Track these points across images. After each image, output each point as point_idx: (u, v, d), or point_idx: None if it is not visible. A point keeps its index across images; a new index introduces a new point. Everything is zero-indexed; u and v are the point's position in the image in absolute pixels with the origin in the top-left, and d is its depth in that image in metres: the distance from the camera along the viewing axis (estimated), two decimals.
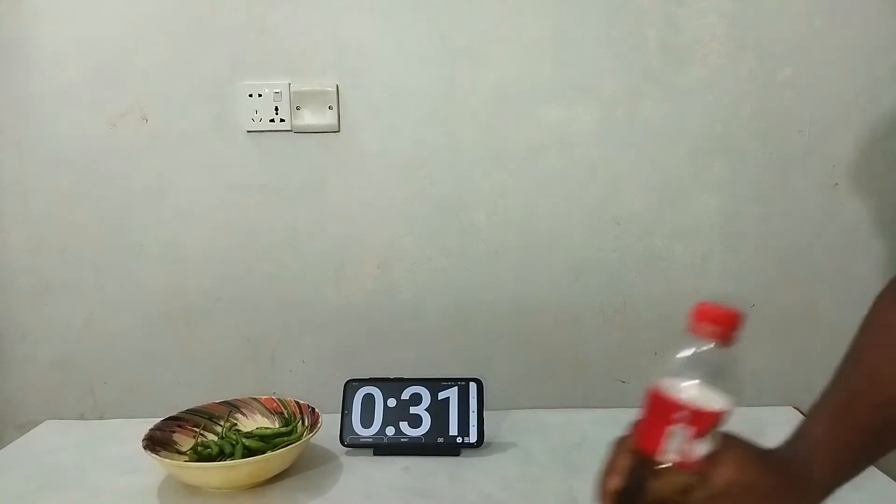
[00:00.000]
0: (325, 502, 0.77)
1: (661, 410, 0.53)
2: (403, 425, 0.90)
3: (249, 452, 0.82)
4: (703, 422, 0.52)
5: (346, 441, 0.90)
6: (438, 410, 0.91)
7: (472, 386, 0.91)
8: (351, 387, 0.92)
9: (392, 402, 0.91)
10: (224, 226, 1.09)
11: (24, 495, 0.80)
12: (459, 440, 0.89)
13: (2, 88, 1.06)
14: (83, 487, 0.81)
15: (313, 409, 0.88)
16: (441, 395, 0.92)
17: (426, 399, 0.91)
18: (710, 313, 0.54)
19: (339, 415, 0.91)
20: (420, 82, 1.05)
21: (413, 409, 0.91)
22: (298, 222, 1.08)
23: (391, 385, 0.93)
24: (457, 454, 0.89)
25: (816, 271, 1.08)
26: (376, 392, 0.92)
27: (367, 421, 0.91)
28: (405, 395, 0.92)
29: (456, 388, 0.92)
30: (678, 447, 0.52)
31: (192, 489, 0.80)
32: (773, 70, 1.04)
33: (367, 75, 1.05)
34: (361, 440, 0.90)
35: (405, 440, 0.89)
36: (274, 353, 1.12)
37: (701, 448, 0.52)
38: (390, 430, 0.90)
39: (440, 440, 0.89)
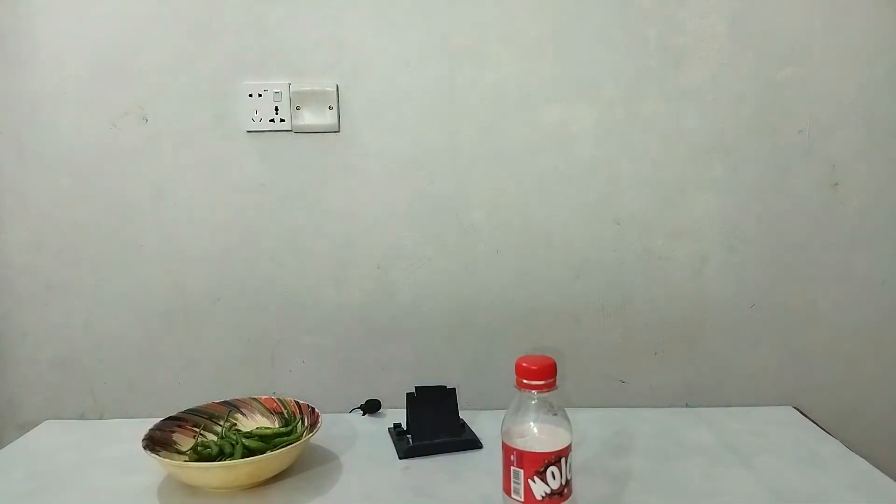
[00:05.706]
0: (324, 502, 0.77)
1: (505, 456, 0.65)
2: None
3: (249, 452, 0.82)
4: (533, 462, 0.63)
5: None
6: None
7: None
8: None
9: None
10: (224, 226, 1.09)
11: (24, 495, 0.80)
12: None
13: (2, 88, 1.06)
14: (83, 487, 0.81)
15: (313, 409, 0.88)
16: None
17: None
18: (526, 371, 0.68)
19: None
20: (420, 82, 1.05)
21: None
22: (298, 222, 1.08)
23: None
24: (480, 445, 0.91)
25: (816, 271, 1.08)
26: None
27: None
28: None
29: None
30: (518, 486, 0.64)
31: (191, 489, 0.79)
32: (773, 70, 1.04)
33: (367, 75, 1.05)
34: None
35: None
36: (274, 353, 1.12)
37: (542, 485, 0.63)
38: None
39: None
